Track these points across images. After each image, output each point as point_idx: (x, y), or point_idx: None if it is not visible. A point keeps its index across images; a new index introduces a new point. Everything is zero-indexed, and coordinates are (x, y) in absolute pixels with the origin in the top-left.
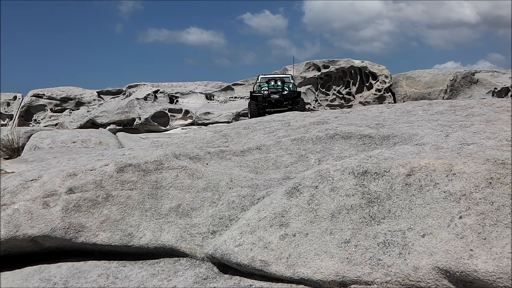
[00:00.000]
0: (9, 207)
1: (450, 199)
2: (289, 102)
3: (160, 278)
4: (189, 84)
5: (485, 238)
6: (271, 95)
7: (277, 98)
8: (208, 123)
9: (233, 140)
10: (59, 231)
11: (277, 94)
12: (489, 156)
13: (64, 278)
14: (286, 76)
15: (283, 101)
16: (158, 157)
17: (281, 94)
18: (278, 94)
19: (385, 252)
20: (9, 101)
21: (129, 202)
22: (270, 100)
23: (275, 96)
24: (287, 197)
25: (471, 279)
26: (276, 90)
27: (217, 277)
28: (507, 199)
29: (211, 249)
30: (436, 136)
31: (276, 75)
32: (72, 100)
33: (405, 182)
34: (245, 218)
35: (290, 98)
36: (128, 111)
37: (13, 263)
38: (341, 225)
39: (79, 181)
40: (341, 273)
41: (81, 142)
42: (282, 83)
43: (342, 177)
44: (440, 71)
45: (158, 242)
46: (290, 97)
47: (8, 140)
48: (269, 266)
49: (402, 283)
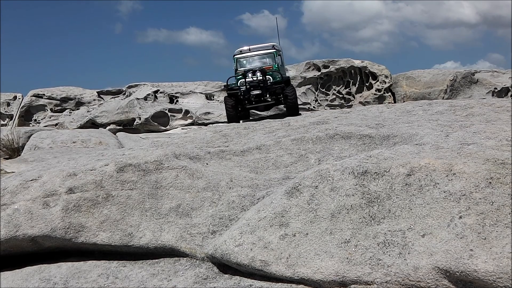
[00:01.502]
0: (9, 207)
1: (450, 199)
2: (277, 96)
3: (160, 278)
4: (189, 84)
5: (485, 238)
6: (251, 91)
7: (259, 93)
8: (208, 123)
9: (233, 140)
10: (59, 231)
11: (258, 88)
12: (489, 156)
13: (64, 278)
14: (268, 52)
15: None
16: (158, 157)
17: (263, 87)
18: (260, 88)
19: (385, 252)
20: (9, 101)
21: (129, 202)
22: (249, 97)
23: (256, 92)
24: (287, 197)
25: (471, 279)
26: (257, 84)
27: (217, 277)
28: (507, 199)
29: (211, 249)
30: (436, 136)
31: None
32: (72, 100)
33: (405, 182)
34: (245, 218)
35: (277, 90)
36: (128, 111)
37: (13, 263)
38: (341, 225)
39: (79, 181)
40: (341, 273)
41: (81, 142)
42: (263, 73)
43: (342, 177)
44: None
45: (158, 242)
46: (276, 89)
47: (8, 140)
48: (269, 266)
49: (402, 283)
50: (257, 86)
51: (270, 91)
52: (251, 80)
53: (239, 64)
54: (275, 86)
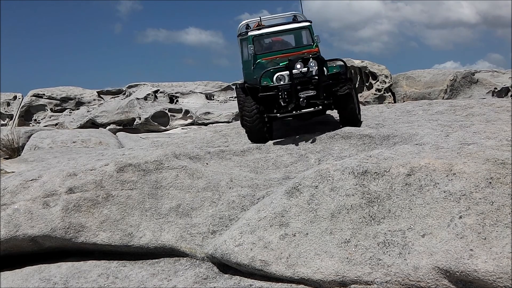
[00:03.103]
0: (9, 207)
1: (450, 199)
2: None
3: (160, 278)
4: (189, 84)
5: (485, 238)
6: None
7: (312, 94)
8: (208, 123)
9: (233, 140)
10: (59, 231)
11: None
12: (489, 156)
13: (64, 278)
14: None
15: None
16: (158, 157)
17: (318, 85)
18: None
19: (385, 252)
20: (9, 101)
21: (129, 202)
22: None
23: (308, 93)
24: (287, 197)
25: (471, 279)
26: (308, 79)
27: (217, 277)
28: (507, 199)
29: (211, 249)
30: (436, 136)
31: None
32: (72, 100)
33: (405, 182)
34: (245, 218)
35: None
36: (128, 111)
37: (13, 263)
38: (341, 225)
39: (79, 181)
40: (341, 273)
41: (81, 142)
42: (319, 62)
43: (342, 177)
44: (440, 71)
45: (158, 242)
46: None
47: (8, 140)
48: (269, 266)
49: (402, 283)
50: (308, 82)
51: (327, 90)
52: (300, 73)
53: (258, 46)
54: (333, 82)
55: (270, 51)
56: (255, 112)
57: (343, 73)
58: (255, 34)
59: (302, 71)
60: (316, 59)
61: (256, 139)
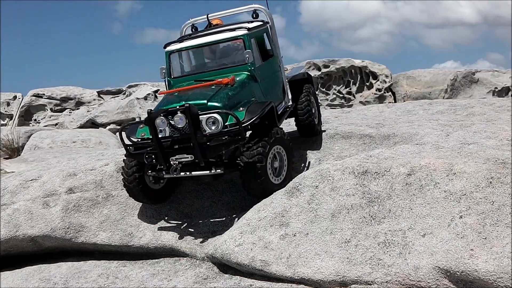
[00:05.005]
0: (9, 207)
1: (451, 198)
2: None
3: (160, 278)
4: None
5: (486, 237)
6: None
7: (189, 161)
8: None
9: None
10: (59, 231)
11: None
12: (489, 155)
13: (64, 278)
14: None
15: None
16: None
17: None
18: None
19: (385, 252)
20: (9, 101)
21: (129, 202)
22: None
23: (181, 158)
24: (287, 197)
25: (471, 279)
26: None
27: (217, 277)
28: (507, 198)
29: (211, 249)
30: (436, 135)
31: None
32: (72, 100)
33: (406, 181)
34: (245, 218)
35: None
36: (128, 111)
37: (13, 263)
38: (341, 224)
39: (79, 181)
40: (342, 273)
41: (81, 142)
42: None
43: (343, 177)
44: (441, 70)
45: (158, 242)
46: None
47: (8, 140)
48: (269, 266)
49: (402, 283)
50: (180, 141)
51: (212, 152)
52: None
53: (177, 66)
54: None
55: (189, 74)
56: (134, 171)
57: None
58: (172, 50)
59: (168, 130)
60: (185, 112)
61: (138, 200)
